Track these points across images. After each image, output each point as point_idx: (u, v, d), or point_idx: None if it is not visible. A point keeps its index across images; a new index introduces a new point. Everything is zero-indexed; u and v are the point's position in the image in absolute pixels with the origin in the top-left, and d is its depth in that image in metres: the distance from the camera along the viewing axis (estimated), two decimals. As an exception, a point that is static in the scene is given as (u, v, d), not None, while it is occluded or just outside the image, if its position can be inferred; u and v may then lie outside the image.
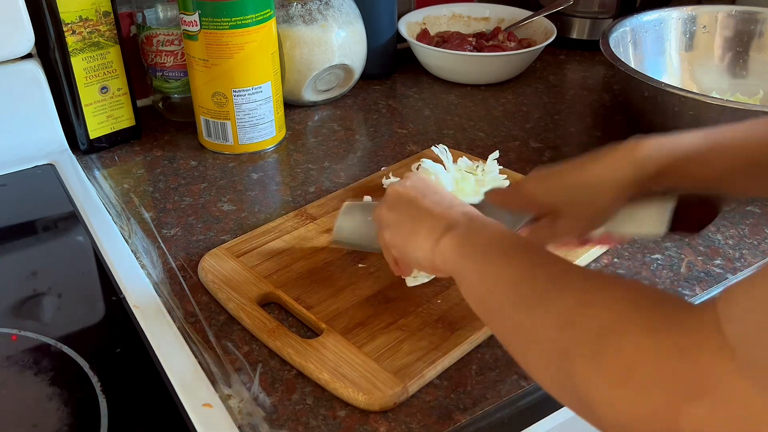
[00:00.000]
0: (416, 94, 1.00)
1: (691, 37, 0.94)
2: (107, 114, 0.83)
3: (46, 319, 0.59)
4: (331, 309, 0.57)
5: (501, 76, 1.02)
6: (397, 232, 0.53)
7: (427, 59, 1.02)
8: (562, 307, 0.38)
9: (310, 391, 0.52)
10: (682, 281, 0.63)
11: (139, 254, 0.66)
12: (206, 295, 0.61)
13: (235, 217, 0.72)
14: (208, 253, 0.64)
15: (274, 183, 0.79)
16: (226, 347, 0.56)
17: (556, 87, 1.02)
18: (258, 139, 0.83)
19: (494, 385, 0.52)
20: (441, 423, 0.49)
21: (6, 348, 0.55)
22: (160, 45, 0.85)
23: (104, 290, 0.62)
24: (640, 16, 0.91)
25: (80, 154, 0.83)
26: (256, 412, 0.50)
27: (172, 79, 0.88)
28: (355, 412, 0.50)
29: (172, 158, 0.83)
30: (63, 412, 0.50)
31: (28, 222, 0.73)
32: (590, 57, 1.11)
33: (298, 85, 0.91)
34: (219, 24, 0.75)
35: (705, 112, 0.71)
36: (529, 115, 0.93)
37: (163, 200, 0.75)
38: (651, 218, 0.53)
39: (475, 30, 1.10)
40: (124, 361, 0.55)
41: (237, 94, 0.79)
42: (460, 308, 0.58)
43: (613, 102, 0.97)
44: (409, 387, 0.51)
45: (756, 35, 0.92)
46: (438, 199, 0.52)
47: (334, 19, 0.90)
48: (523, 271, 0.43)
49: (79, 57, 0.78)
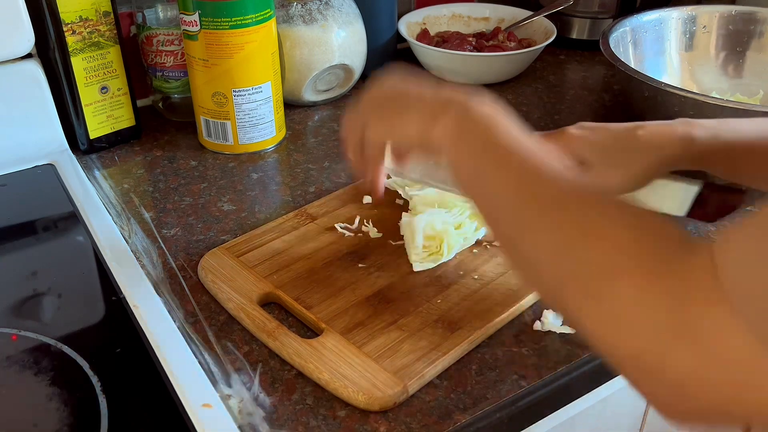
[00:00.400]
0: (416, 94, 1.00)
1: (691, 37, 0.94)
2: (107, 114, 0.83)
3: (46, 319, 0.59)
4: (331, 309, 0.57)
5: (501, 76, 1.02)
6: (381, 121, 0.49)
7: (427, 59, 1.02)
8: (560, 236, 0.37)
9: (310, 391, 0.52)
10: (682, 281, 0.63)
11: (139, 254, 0.66)
12: (206, 295, 0.61)
13: (235, 217, 0.72)
14: (208, 253, 0.64)
15: (274, 183, 0.79)
16: (226, 347, 0.56)
17: (556, 87, 1.02)
18: (258, 139, 0.83)
19: (494, 385, 0.52)
20: (441, 423, 0.49)
21: (6, 348, 0.55)
22: (160, 45, 0.85)
23: (104, 290, 0.62)
24: (640, 16, 0.91)
25: (80, 154, 0.83)
26: (256, 412, 0.50)
27: (172, 79, 0.88)
28: (355, 412, 0.50)
29: (172, 158, 0.83)
30: (63, 412, 0.50)
31: (28, 222, 0.73)
32: (590, 57, 1.11)
33: (298, 85, 0.91)
34: (219, 24, 0.75)
35: (705, 112, 0.71)
36: (529, 115, 0.93)
37: (163, 200, 0.75)
38: (674, 198, 0.53)
39: (475, 30, 1.10)
40: (124, 361, 0.55)
41: (237, 94, 0.79)
42: (460, 308, 0.58)
43: (613, 102, 0.97)
44: (409, 387, 0.51)
45: (756, 35, 0.92)
46: (422, 88, 0.47)
47: (334, 19, 0.90)
48: (522, 186, 0.40)
49: (79, 57, 0.78)
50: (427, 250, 0.63)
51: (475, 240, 0.65)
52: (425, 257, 0.62)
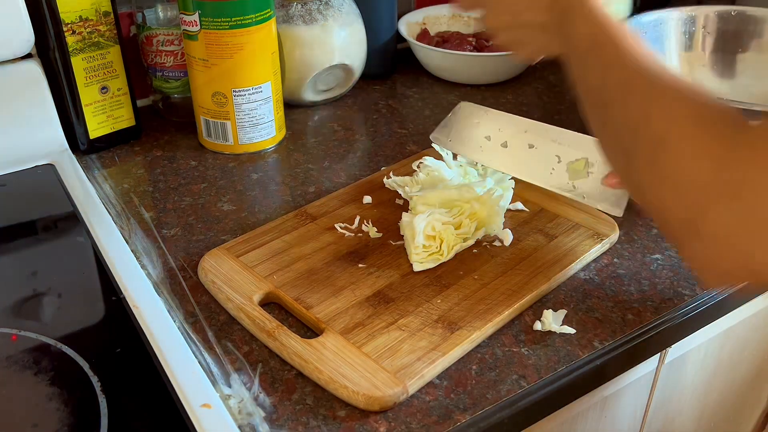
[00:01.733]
0: (416, 94, 1.00)
1: (691, 37, 0.94)
2: (107, 114, 0.83)
3: (46, 319, 0.59)
4: (331, 309, 0.57)
5: (501, 76, 1.02)
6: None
7: (427, 59, 1.02)
8: (626, 115, 0.43)
9: (310, 391, 0.52)
10: (682, 281, 0.63)
11: (139, 254, 0.66)
12: (206, 295, 0.61)
13: (235, 217, 0.72)
14: (208, 253, 0.64)
15: (274, 183, 0.79)
16: (226, 347, 0.56)
17: (556, 87, 1.02)
18: (258, 139, 0.83)
19: (494, 385, 0.52)
20: (441, 423, 0.49)
21: (6, 348, 0.55)
22: (160, 45, 0.85)
23: (104, 290, 0.62)
24: (640, 16, 0.91)
25: (80, 154, 0.83)
26: (256, 412, 0.50)
27: (172, 79, 0.88)
28: (355, 412, 0.50)
29: (172, 158, 0.83)
30: (63, 412, 0.50)
31: (28, 222, 0.73)
32: (590, 57, 1.11)
33: (298, 85, 0.91)
34: (219, 24, 0.75)
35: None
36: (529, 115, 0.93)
37: (163, 200, 0.75)
38: None
39: (475, 30, 1.10)
40: (124, 361, 0.55)
41: (237, 94, 0.79)
42: (460, 308, 0.58)
43: (613, 102, 0.97)
44: (409, 387, 0.51)
45: (756, 35, 0.92)
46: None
47: (334, 19, 0.90)
48: (598, 73, 0.48)
49: (79, 57, 0.78)
50: (427, 250, 0.63)
51: (475, 240, 0.65)
52: (425, 257, 0.62)
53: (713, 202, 0.36)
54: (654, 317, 0.59)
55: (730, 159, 0.36)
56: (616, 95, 0.45)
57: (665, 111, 0.41)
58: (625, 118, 0.44)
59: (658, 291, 0.62)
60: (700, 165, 0.37)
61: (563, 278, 0.62)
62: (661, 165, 0.40)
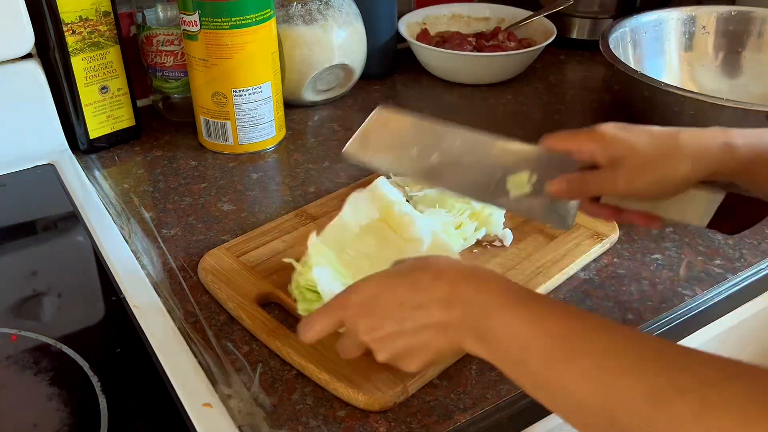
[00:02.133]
0: (416, 94, 1.00)
1: (691, 37, 0.94)
2: (107, 114, 0.83)
3: (46, 319, 0.59)
4: (331, 309, 0.57)
5: (501, 76, 1.02)
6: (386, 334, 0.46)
7: (427, 59, 1.02)
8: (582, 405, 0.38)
9: (310, 391, 0.52)
10: (682, 281, 0.63)
11: (139, 254, 0.66)
12: (206, 295, 0.61)
13: (235, 217, 0.72)
14: (208, 253, 0.64)
15: (274, 183, 0.79)
16: (226, 347, 0.56)
17: (556, 87, 1.02)
18: (258, 139, 0.83)
19: (494, 385, 0.52)
20: (441, 423, 0.49)
21: (6, 348, 0.55)
22: (160, 45, 0.85)
23: (104, 290, 0.62)
24: (640, 16, 0.91)
25: (80, 154, 0.83)
26: (256, 412, 0.50)
27: (172, 79, 0.88)
28: (355, 412, 0.50)
29: (171, 158, 0.83)
30: (63, 412, 0.50)
31: (28, 222, 0.73)
32: (590, 57, 1.11)
33: (298, 85, 0.91)
34: (219, 24, 0.75)
35: (705, 112, 0.71)
36: (529, 115, 0.94)
37: (163, 200, 0.75)
38: (697, 208, 0.52)
39: (475, 30, 1.10)
40: (124, 361, 0.55)
41: (237, 94, 0.79)
42: (460, 308, 0.57)
43: (613, 102, 0.97)
44: (409, 387, 0.51)
45: (755, 35, 0.92)
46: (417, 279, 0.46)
47: (334, 19, 0.90)
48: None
49: (79, 57, 0.78)
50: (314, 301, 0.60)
51: (475, 240, 0.65)
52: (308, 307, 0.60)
53: None
54: (654, 317, 0.59)
55: None
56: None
57: (724, 401, 0.35)
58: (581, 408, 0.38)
59: (658, 291, 0.62)
60: None
61: (563, 278, 0.62)
62: None
